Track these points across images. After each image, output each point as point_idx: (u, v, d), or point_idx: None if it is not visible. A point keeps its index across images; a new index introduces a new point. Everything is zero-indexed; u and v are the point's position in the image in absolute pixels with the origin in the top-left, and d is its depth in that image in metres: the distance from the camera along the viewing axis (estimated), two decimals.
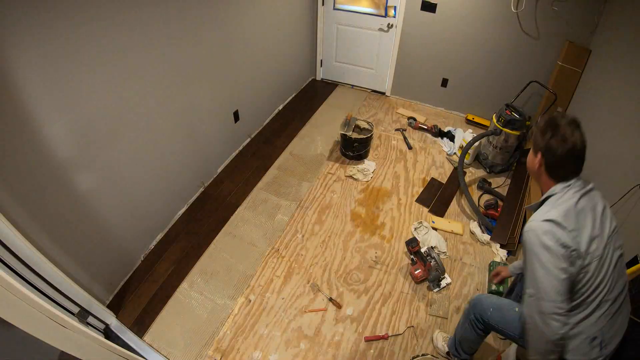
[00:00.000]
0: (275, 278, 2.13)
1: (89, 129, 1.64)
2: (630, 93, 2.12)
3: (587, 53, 2.75)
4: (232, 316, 1.94)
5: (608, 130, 2.26)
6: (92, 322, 1.76)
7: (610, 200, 1.92)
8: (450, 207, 2.65)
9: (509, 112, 2.69)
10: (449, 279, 2.14)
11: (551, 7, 2.76)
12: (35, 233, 1.47)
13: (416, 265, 2.13)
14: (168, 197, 2.36)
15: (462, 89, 3.56)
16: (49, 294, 1.48)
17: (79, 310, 1.65)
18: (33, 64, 1.32)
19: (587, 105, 2.67)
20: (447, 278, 2.14)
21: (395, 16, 3.40)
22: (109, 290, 2.00)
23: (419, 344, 1.86)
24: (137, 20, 1.72)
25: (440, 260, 2.09)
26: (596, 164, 2.32)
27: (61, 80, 1.45)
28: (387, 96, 3.98)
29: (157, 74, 1.95)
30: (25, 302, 1.00)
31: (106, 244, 1.92)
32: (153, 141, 2.07)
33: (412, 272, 2.12)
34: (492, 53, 3.20)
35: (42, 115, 1.41)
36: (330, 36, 3.86)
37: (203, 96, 2.42)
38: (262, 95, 3.24)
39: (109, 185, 1.84)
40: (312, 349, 1.82)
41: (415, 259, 2.15)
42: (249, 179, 2.82)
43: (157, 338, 1.85)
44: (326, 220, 2.50)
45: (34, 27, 1.29)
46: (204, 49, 2.28)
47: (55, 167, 1.53)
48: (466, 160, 3.03)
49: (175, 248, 2.28)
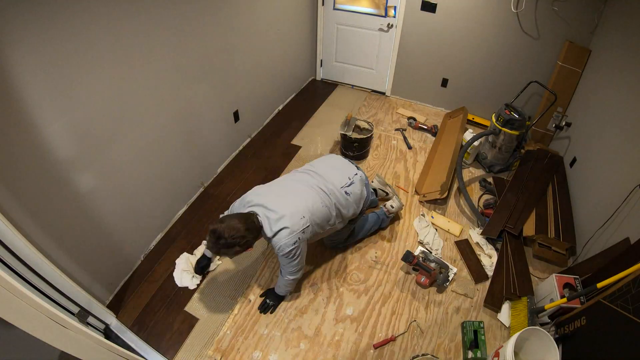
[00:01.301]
0: (275, 278, 2.13)
1: (89, 129, 1.64)
2: (630, 93, 2.12)
3: (587, 53, 2.75)
4: (232, 316, 1.94)
5: (608, 130, 2.26)
6: (92, 322, 1.76)
7: (612, 203, 1.93)
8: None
9: (508, 112, 2.69)
10: (455, 269, 2.15)
11: (551, 7, 2.76)
12: (36, 233, 1.47)
13: (419, 274, 2.09)
14: (168, 197, 2.36)
15: (462, 89, 3.56)
16: (49, 294, 1.48)
17: (79, 310, 1.65)
18: (34, 65, 1.32)
19: (587, 105, 2.67)
20: (453, 268, 2.15)
21: (395, 16, 3.40)
22: (109, 290, 2.00)
23: (419, 343, 1.86)
24: (138, 20, 1.72)
25: (439, 259, 2.10)
26: (596, 164, 2.32)
27: (61, 82, 1.45)
28: (387, 96, 3.98)
29: (157, 74, 1.95)
30: (25, 302, 1.00)
31: (106, 244, 1.93)
32: (153, 141, 2.07)
33: (419, 281, 2.09)
34: (492, 53, 3.20)
35: (42, 116, 1.41)
36: (330, 36, 3.86)
37: (203, 96, 2.42)
38: (262, 95, 3.24)
39: (109, 185, 1.84)
40: (312, 349, 1.82)
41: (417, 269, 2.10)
42: (249, 179, 2.83)
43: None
44: None
45: (35, 29, 1.29)
46: (204, 49, 2.28)
47: (55, 167, 1.53)
48: (466, 160, 3.03)
49: (175, 248, 2.28)
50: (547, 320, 1.85)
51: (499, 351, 1.64)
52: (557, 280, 1.82)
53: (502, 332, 1.92)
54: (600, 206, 2.09)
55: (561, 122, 2.96)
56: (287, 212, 1.60)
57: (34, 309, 1.03)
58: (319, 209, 1.71)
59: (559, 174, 2.65)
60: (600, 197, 2.14)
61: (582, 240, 2.17)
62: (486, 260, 2.25)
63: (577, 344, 1.62)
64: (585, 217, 2.26)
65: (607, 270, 1.67)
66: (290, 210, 1.61)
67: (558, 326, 1.76)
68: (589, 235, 2.08)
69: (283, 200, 1.67)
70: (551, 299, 1.82)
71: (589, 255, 2.04)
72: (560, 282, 1.82)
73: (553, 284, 1.83)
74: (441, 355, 1.82)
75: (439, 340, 1.88)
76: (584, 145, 2.53)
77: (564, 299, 1.68)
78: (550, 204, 2.41)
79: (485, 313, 2.01)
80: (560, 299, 1.70)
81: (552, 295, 1.82)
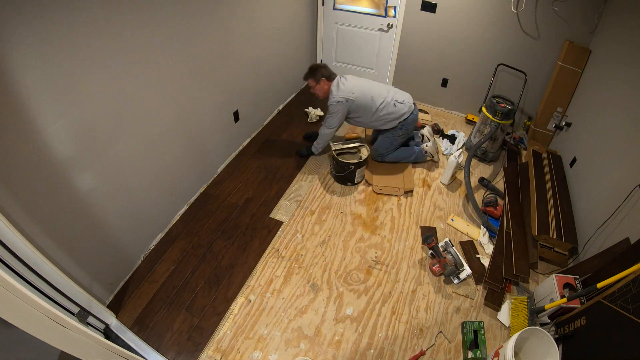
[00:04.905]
0: (275, 278, 2.13)
1: (89, 129, 1.64)
2: (631, 93, 2.12)
3: (587, 53, 2.75)
4: (232, 316, 1.94)
5: (608, 130, 2.26)
6: (92, 322, 1.76)
7: (612, 203, 1.93)
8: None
9: (503, 105, 2.75)
10: (469, 270, 2.13)
11: (551, 7, 2.76)
12: (36, 233, 1.48)
13: (434, 260, 2.17)
14: (168, 197, 2.36)
15: (462, 89, 3.56)
16: (49, 294, 1.48)
17: (79, 310, 1.65)
18: (33, 64, 1.32)
19: (587, 105, 2.67)
20: (467, 269, 2.14)
21: (395, 16, 3.40)
22: (109, 290, 2.00)
23: (419, 344, 1.86)
24: (138, 20, 1.72)
25: (457, 254, 2.13)
26: (596, 164, 2.32)
27: (61, 81, 1.45)
28: None
29: (157, 75, 1.95)
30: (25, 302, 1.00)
31: (106, 244, 1.93)
32: (153, 141, 2.07)
33: (431, 267, 2.19)
34: (492, 53, 3.20)
35: (42, 116, 1.41)
36: (330, 36, 3.86)
37: (203, 96, 2.42)
38: (262, 95, 3.24)
39: (108, 185, 1.84)
40: (312, 349, 1.82)
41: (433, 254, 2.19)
42: (249, 179, 2.83)
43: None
44: (326, 220, 2.50)
45: (34, 27, 1.28)
46: (204, 48, 2.28)
47: (55, 167, 1.53)
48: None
49: (175, 248, 2.29)
50: (547, 320, 1.85)
51: (499, 351, 1.63)
52: (557, 280, 1.82)
53: (502, 332, 1.92)
54: (600, 206, 2.09)
55: (561, 122, 2.96)
56: (349, 85, 2.58)
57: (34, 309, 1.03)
58: (370, 99, 2.60)
59: (559, 174, 2.65)
60: (600, 197, 2.14)
61: (582, 240, 2.18)
62: (487, 262, 2.25)
63: (577, 344, 1.62)
64: (585, 217, 2.25)
65: (607, 270, 1.67)
66: (350, 86, 2.58)
67: (558, 326, 1.76)
68: (589, 235, 2.08)
69: (355, 81, 2.64)
70: (551, 299, 1.82)
71: (589, 255, 2.04)
72: (560, 282, 1.82)
73: (553, 284, 1.83)
74: (441, 355, 1.82)
75: (439, 341, 1.88)
76: (584, 145, 2.53)
77: (564, 299, 1.68)
78: (550, 204, 2.41)
79: (485, 313, 2.01)
80: (560, 299, 1.70)
81: (552, 295, 1.82)
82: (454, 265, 2.12)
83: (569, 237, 2.16)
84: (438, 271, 2.14)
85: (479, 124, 3.03)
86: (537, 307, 1.84)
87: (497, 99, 2.88)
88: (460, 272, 2.11)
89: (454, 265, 2.12)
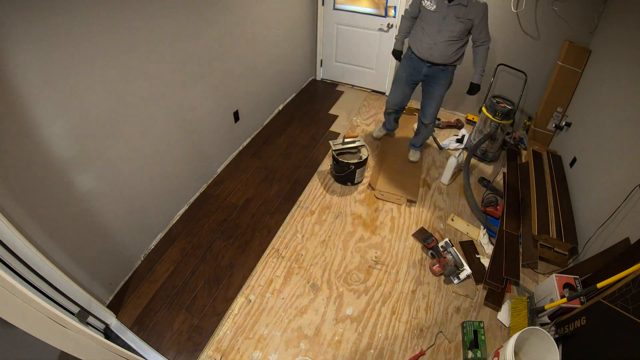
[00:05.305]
0: (275, 278, 2.13)
1: (89, 128, 1.64)
2: (631, 93, 2.12)
3: (587, 53, 2.75)
4: (232, 316, 1.94)
5: (608, 130, 2.26)
6: (92, 322, 1.76)
7: (612, 203, 1.93)
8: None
9: (503, 105, 2.75)
10: (469, 270, 2.14)
11: (551, 7, 2.76)
12: (35, 233, 1.48)
13: (434, 260, 2.18)
14: (168, 197, 2.36)
15: (462, 89, 3.55)
16: (49, 294, 1.48)
17: (79, 310, 1.65)
18: (32, 63, 1.32)
19: (587, 105, 2.67)
20: (467, 269, 2.14)
21: (395, 16, 3.40)
22: (109, 290, 2.00)
23: (419, 344, 1.86)
24: (137, 19, 1.72)
25: (457, 254, 2.14)
26: (596, 164, 2.32)
27: (60, 80, 1.44)
28: (387, 96, 3.97)
29: (157, 74, 1.95)
30: (25, 302, 1.00)
31: (106, 244, 1.92)
32: (153, 141, 2.07)
33: (431, 267, 2.19)
34: (492, 53, 3.19)
35: (41, 115, 1.41)
36: (330, 36, 3.86)
37: (203, 96, 2.42)
38: (262, 95, 3.24)
39: (108, 185, 1.84)
40: (312, 349, 1.82)
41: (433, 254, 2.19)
42: (249, 179, 2.83)
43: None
44: (326, 220, 2.50)
45: (33, 26, 1.28)
46: (204, 48, 2.28)
47: (55, 167, 1.53)
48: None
49: (175, 248, 2.29)
50: (547, 321, 1.85)
51: (499, 351, 1.63)
52: (557, 280, 1.82)
53: (502, 332, 1.92)
54: (600, 206, 2.09)
55: (561, 122, 2.96)
56: None
57: (34, 309, 1.03)
58: None
59: (558, 174, 2.65)
60: (600, 197, 2.14)
61: (582, 240, 2.18)
62: (487, 262, 2.25)
63: (577, 344, 1.62)
64: (585, 217, 2.25)
65: (607, 270, 1.67)
66: None
67: (558, 326, 1.76)
68: (589, 235, 2.08)
69: None
70: (551, 299, 1.82)
71: (589, 255, 2.04)
72: (560, 282, 1.82)
73: (553, 284, 1.83)
74: (441, 355, 1.82)
75: (439, 341, 1.88)
76: (584, 145, 2.53)
77: (564, 299, 1.68)
78: (550, 204, 2.41)
79: (485, 313, 2.01)
80: (560, 299, 1.70)
81: (552, 295, 1.82)
82: (454, 265, 2.12)
83: (569, 237, 2.16)
84: (438, 271, 2.14)
85: (479, 124, 3.03)
86: (537, 307, 1.84)
87: (497, 99, 2.89)
88: (460, 272, 2.12)
89: (454, 265, 2.12)
